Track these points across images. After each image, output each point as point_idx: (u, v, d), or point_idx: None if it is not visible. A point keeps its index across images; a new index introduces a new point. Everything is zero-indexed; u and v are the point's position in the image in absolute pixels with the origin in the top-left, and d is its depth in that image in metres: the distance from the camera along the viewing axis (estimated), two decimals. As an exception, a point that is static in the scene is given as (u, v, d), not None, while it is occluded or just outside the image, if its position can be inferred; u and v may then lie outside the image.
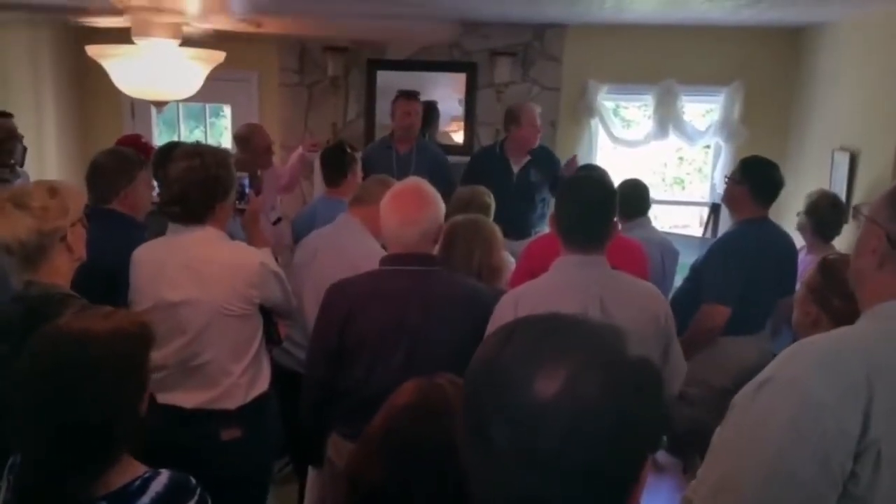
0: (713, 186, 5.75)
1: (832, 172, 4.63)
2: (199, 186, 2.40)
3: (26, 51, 5.45)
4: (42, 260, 2.09)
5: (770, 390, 1.27)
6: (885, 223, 1.33)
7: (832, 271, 2.11)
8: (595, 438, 0.80)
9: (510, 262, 3.12)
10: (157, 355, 2.31)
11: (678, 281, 3.78)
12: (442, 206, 2.41)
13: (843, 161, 4.49)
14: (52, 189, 2.15)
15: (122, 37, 3.91)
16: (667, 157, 7.10)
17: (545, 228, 4.64)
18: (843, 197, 4.15)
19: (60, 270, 2.15)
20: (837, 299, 2.04)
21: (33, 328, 1.84)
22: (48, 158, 5.55)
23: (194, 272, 2.41)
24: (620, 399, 0.82)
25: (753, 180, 3.30)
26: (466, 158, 5.29)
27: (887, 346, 1.27)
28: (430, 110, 5.60)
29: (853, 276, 1.44)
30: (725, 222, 4.98)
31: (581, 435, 0.80)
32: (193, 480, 1.58)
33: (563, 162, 5.04)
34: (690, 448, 3.55)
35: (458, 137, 5.87)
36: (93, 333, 1.50)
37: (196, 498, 1.55)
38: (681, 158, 7.33)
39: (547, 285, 2.25)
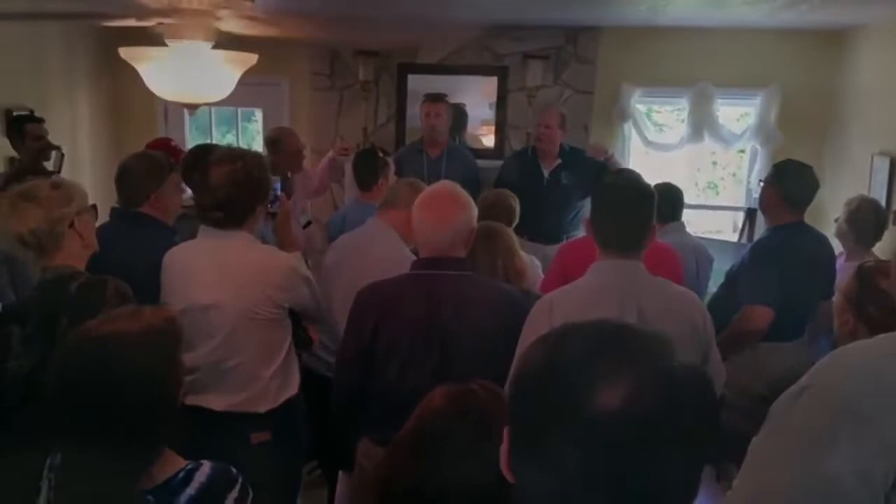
0: (749, 191, 5.68)
1: (871, 178, 4.55)
2: (243, 190, 2.41)
3: (62, 54, 5.51)
4: (55, 247, 2.25)
5: (807, 400, 1.24)
6: None
7: (868, 279, 2.06)
8: (653, 451, 0.78)
9: (532, 262, 3.10)
10: (188, 357, 2.34)
11: (712, 287, 3.72)
12: (475, 210, 2.39)
13: (882, 166, 4.41)
14: (55, 183, 2.39)
15: (156, 40, 3.94)
16: (700, 162, 7.03)
17: (578, 232, 4.62)
18: (882, 203, 4.07)
19: (73, 256, 2.29)
20: (873, 308, 1.99)
21: (48, 305, 2.04)
22: (82, 163, 5.61)
23: (225, 275, 2.41)
24: (679, 411, 0.80)
25: (787, 183, 3.25)
26: (497, 162, 5.28)
27: None
28: (458, 113, 5.59)
29: None
30: (761, 227, 4.91)
31: (640, 448, 0.78)
32: (234, 470, 1.59)
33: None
34: (724, 455, 3.49)
35: (489, 141, 5.86)
36: (125, 334, 1.52)
37: (239, 486, 1.56)
38: (714, 163, 7.24)
39: (583, 290, 2.22)
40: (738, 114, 5.88)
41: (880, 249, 3.69)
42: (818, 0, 3.91)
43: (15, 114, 4.38)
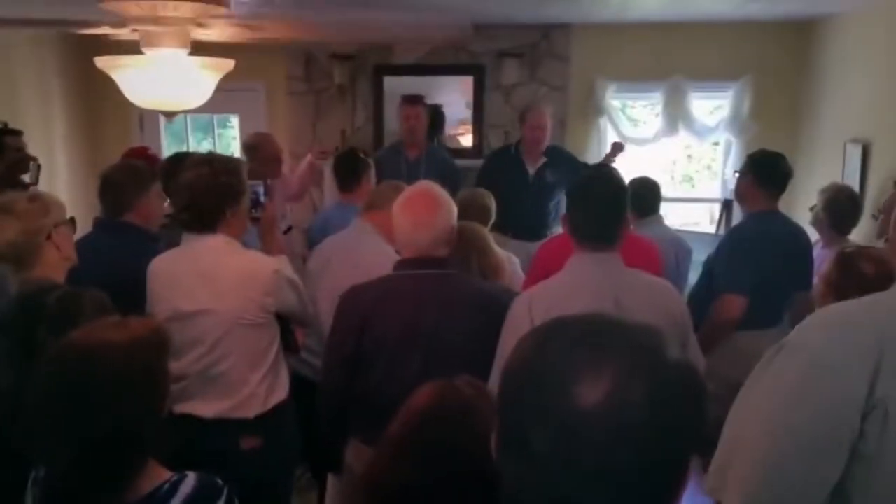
0: (724, 182, 5.73)
1: (844, 165, 4.61)
2: (207, 193, 2.40)
3: (34, 65, 5.45)
4: (33, 259, 2.25)
5: (781, 357, 1.32)
6: None
7: (849, 265, 2.09)
8: (639, 444, 0.79)
9: (509, 258, 3.12)
10: (175, 366, 2.32)
11: (692, 279, 3.76)
12: (454, 209, 2.40)
13: (855, 153, 4.47)
14: (33, 196, 2.38)
15: (130, 48, 3.92)
16: (676, 155, 7.08)
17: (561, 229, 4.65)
18: (856, 189, 4.13)
19: (52, 268, 2.29)
20: (855, 293, 2.01)
21: (26, 318, 1.95)
22: (58, 174, 5.56)
23: (209, 282, 2.40)
24: (664, 404, 0.80)
25: (760, 172, 3.30)
26: (475, 161, 5.29)
27: None
28: (436, 114, 5.59)
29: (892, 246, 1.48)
30: (738, 218, 4.96)
31: (625, 441, 0.78)
32: (220, 481, 1.57)
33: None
34: (709, 445, 3.52)
35: (467, 141, 5.87)
36: (110, 345, 1.50)
37: (224, 497, 1.54)
38: (689, 156, 7.30)
39: (561, 285, 2.24)
40: (711, 106, 5.93)
41: (857, 235, 3.74)
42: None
43: (-11, 127, 4.31)
